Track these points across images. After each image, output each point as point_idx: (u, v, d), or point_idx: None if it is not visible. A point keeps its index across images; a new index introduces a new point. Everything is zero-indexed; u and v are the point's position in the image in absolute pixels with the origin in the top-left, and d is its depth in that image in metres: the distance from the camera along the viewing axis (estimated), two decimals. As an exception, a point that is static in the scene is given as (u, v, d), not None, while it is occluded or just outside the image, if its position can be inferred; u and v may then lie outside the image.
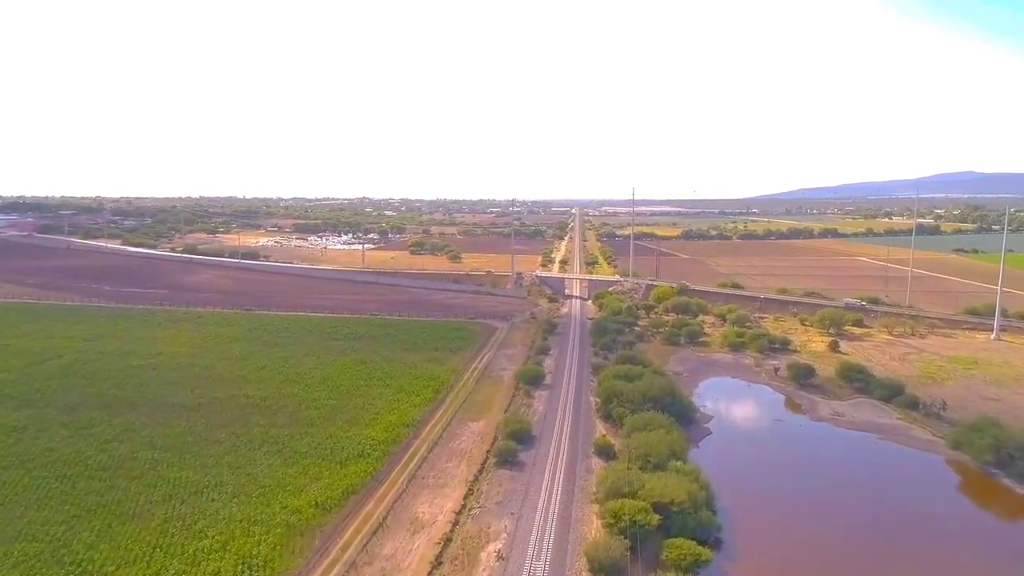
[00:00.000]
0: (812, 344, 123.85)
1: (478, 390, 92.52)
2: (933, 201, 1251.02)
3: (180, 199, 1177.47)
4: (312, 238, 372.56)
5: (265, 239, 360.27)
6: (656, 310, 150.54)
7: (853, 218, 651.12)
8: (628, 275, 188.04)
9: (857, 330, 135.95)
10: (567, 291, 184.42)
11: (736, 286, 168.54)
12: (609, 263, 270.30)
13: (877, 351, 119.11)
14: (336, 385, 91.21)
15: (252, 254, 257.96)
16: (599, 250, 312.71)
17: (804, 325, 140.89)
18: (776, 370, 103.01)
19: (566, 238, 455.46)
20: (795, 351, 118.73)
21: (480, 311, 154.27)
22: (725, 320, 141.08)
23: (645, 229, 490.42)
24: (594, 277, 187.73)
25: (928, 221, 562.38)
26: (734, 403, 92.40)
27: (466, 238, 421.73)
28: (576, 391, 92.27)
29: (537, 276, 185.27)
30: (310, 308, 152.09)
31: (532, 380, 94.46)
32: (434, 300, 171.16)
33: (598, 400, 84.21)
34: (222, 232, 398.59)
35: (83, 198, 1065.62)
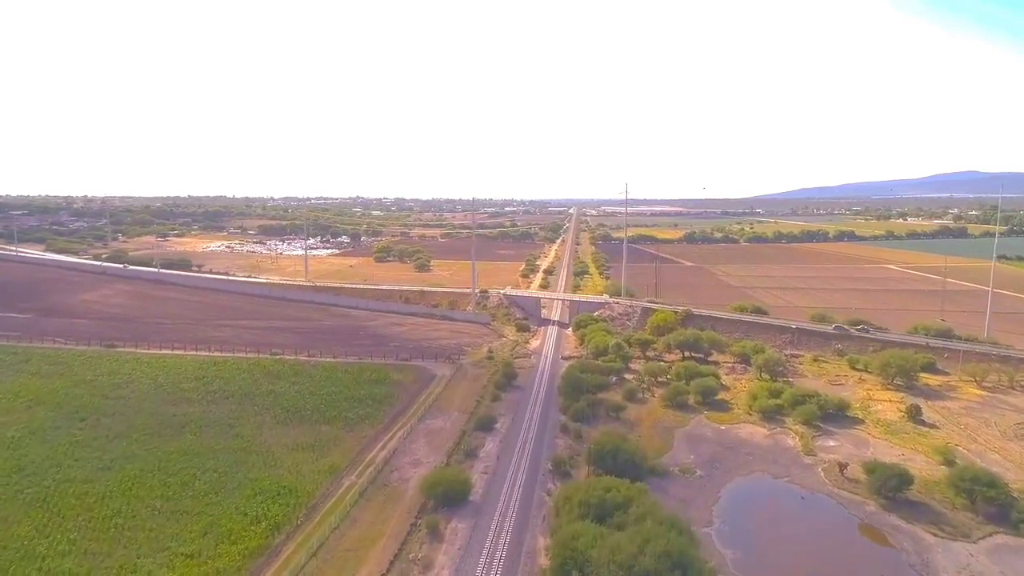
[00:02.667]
0: (878, 406, 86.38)
1: (354, 521, 55.08)
2: (939, 201, 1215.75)
3: (168, 198, 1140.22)
4: (272, 242, 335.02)
5: (219, 243, 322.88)
6: (655, 346, 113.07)
7: (866, 219, 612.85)
8: (620, 292, 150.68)
9: (932, 379, 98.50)
10: (543, 314, 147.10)
11: (759, 311, 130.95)
12: (601, 272, 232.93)
13: (975, 419, 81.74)
14: (107, 514, 53.87)
15: (184, 263, 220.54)
16: (591, 256, 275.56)
17: (855, 370, 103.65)
18: (842, 468, 65.49)
19: (558, 241, 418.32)
20: (857, 419, 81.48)
21: (423, 346, 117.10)
22: (748, 363, 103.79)
23: (644, 231, 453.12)
24: (576, 297, 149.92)
25: (948, 222, 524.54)
26: (785, 544, 54.88)
27: (447, 241, 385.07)
28: (518, 522, 54.87)
29: (505, 295, 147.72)
30: (199, 342, 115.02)
31: (449, 497, 57.16)
32: (371, 328, 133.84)
33: (552, 560, 46.87)
34: (176, 235, 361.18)
35: (65, 197, 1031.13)
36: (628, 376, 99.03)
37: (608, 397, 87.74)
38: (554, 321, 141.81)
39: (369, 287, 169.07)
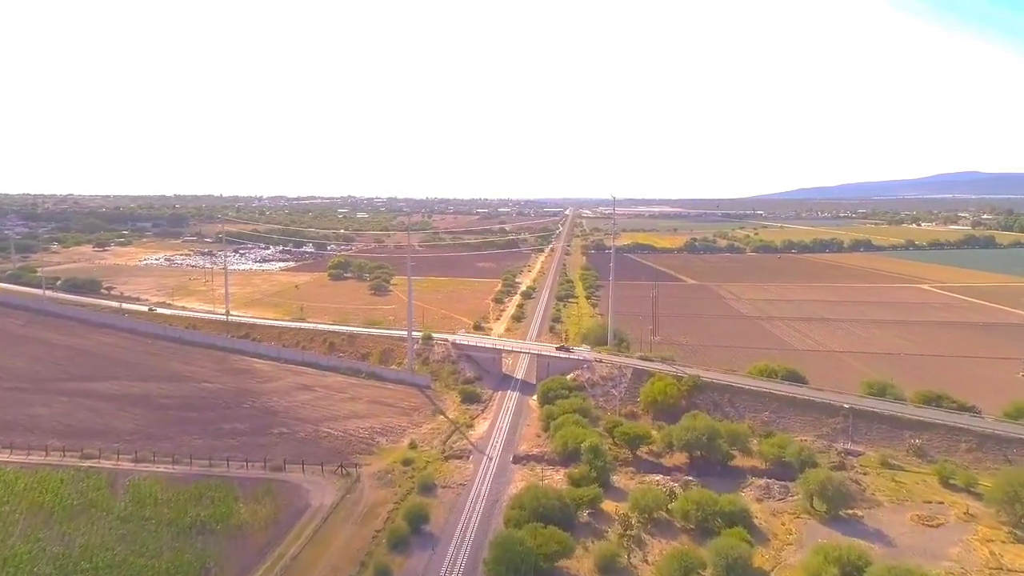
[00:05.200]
0: (1021, 590, 51.53)
1: None
2: (943, 202, 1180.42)
3: (153, 197, 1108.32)
4: (224, 254, 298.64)
5: (161, 255, 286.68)
6: (651, 443, 77.99)
7: (876, 224, 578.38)
8: (605, 337, 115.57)
9: (1079, 515, 63.46)
10: (505, 366, 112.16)
11: (794, 377, 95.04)
12: (589, 295, 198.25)
13: None
14: None
15: (92, 284, 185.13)
16: (580, 273, 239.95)
17: (950, 487, 68.93)
18: None
19: (547, 249, 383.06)
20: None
21: (320, 433, 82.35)
22: (790, 476, 68.86)
23: (642, 237, 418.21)
24: (546, 350, 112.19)
25: (965, 228, 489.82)
26: None
27: (425, 251, 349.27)
28: None
29: (454, 344, 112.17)
30: (8, 426, 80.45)
31: None
32: (266, 393, 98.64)
33: None
34: (120, 243, 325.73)
35: (41, 196, 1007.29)
36: (608, 504, 64.10)
37: (571, 567, 53.03)
38: (517, 380, 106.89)
39: (290, 325, 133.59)
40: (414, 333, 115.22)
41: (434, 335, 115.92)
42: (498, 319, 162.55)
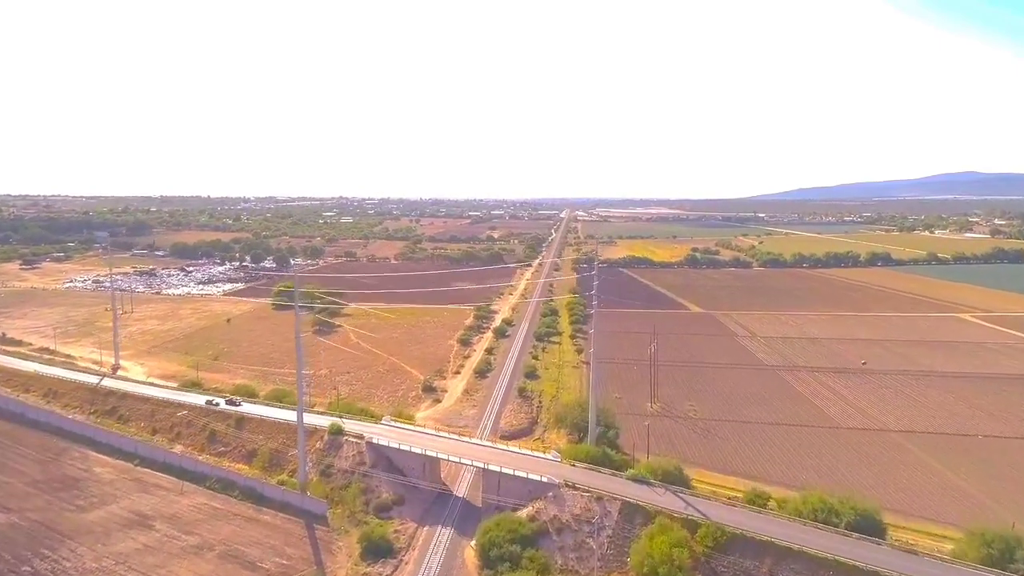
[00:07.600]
0: None
1: None
2: (946, 204, 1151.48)
3: (138, 198, 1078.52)
4: (171, 270, 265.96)
5: (91, 276, 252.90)
6: None
7: (887, 230, 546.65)
8: (587, 415, 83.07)
9: None
10: (444, 471, 79.68)
11: (868, 524, 62.06)
12: (575, 334, 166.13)
13: None
14: None
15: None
16: (567, 301, 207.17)
17: None
18: None
19: (536, 261, 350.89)
20: None
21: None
22: None
23: (639, 248, 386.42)
24: (496, 461, 77.67)
25: (984, 235, 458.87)
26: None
27: (399, 265, 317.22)
28: None
29: (370, 444, 79.30)
30: None
31: None
32: (74, 538, 66.11)
33: None
34: (57, 259, 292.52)
35: (33, 196, 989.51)
36: None
37: None
38: (457, 500, 74.64)
39: (172, 398, 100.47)
40: (320, 422, 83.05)
41: (345, 427, 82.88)
42: (458, 372, 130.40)
